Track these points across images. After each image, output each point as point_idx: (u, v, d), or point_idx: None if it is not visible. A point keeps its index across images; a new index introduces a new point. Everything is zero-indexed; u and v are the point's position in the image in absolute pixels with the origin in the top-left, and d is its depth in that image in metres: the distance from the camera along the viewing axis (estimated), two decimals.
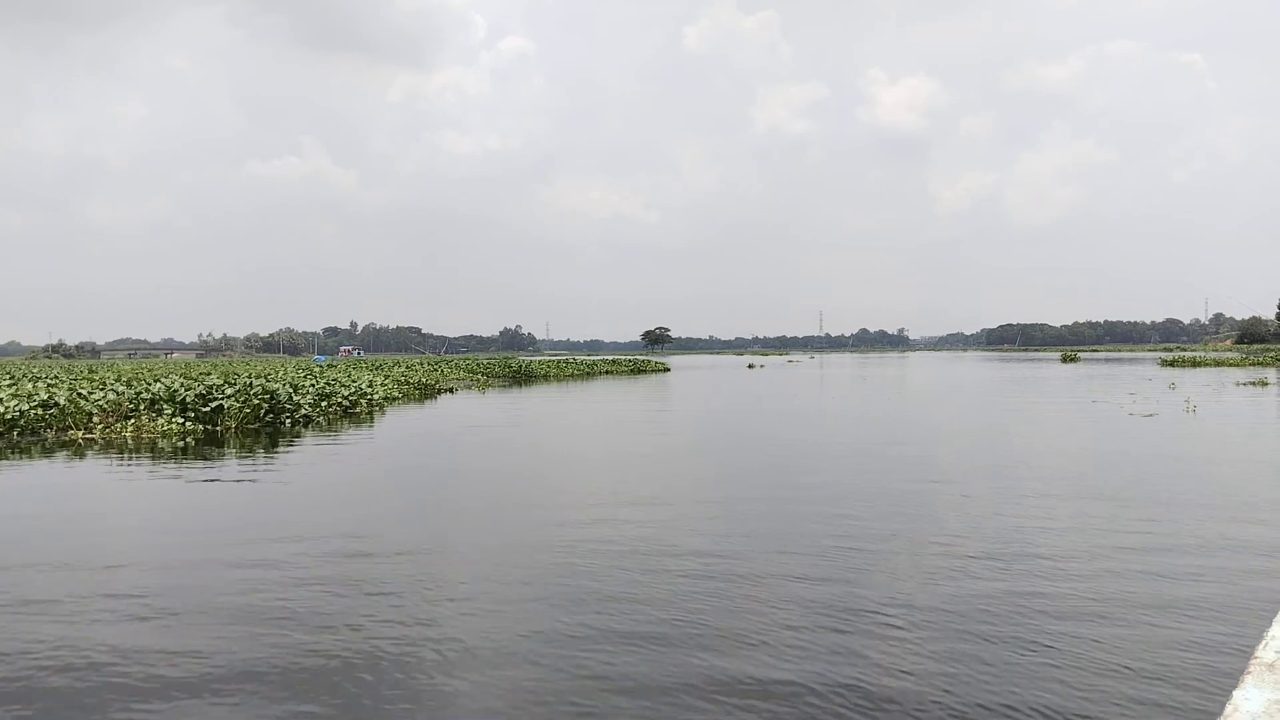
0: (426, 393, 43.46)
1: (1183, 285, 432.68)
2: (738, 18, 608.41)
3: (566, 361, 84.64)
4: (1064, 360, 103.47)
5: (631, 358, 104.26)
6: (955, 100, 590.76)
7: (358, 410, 29.61)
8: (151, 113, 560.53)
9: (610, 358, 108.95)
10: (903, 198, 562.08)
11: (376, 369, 56.70)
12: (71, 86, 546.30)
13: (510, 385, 56.04)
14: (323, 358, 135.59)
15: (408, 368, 60.17)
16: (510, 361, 68.24)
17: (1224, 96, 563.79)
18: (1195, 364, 79.63)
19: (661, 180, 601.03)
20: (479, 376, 62.22)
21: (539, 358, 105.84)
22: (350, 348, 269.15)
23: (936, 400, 35.24)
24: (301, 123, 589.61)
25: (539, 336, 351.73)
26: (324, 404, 28.01)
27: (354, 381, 34.50)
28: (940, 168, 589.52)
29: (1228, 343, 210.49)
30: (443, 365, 68.84)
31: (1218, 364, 78.59)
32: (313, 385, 30.47)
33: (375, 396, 32.11)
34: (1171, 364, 79.87)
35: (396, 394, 37.70)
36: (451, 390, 45.92)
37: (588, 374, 72.92)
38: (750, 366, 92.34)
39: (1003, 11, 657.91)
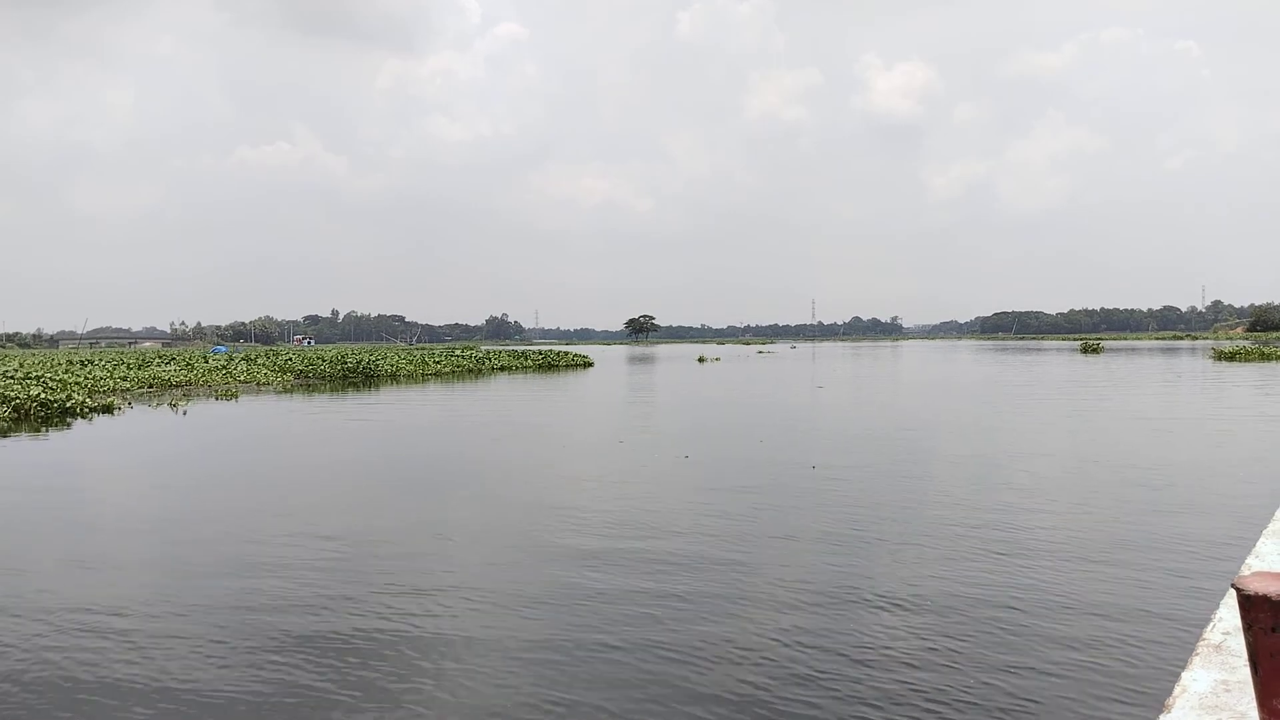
0: (45, 415, 24.66)
1: (1178, 273, 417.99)
2: (731, 4, 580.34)
3: (452, 354, 65.35)
4: (1084, 351, 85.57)
5: (543, 349, 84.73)
6: (950, 87, 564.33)
7: None
8: (140, 98, 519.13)
9: (520, 349, 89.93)
10: (896, 185, 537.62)
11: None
12: (60, 72, 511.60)
13: (343, 389, 38.74)
14: (222, 349, 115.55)
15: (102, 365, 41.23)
16: (347, 357, 49.35)
17: (1218, 84, 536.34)
18: (1265, 357, 62.05)
19: (654, 168, 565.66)
20: (284, 376, 43.65)
21: (420, 350, 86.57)
22: (301, 336, 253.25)
23: (970, 467, 17.01)
24: (292, 109, 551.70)
25: (527, 325, 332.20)
26: None
27: None
28: (934, 155, 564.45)
29: (1239, 330, 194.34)
30: (243, 361, 50.10)
31: None
32: None
33: None
34: (1231, 357, 62.47)
35: None
36: (110, 410, 26.99)
37: (474, 371, 54.39)
38: (701, 360, 74.02)
39: None
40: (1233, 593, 2.73)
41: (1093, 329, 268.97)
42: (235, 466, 16.37)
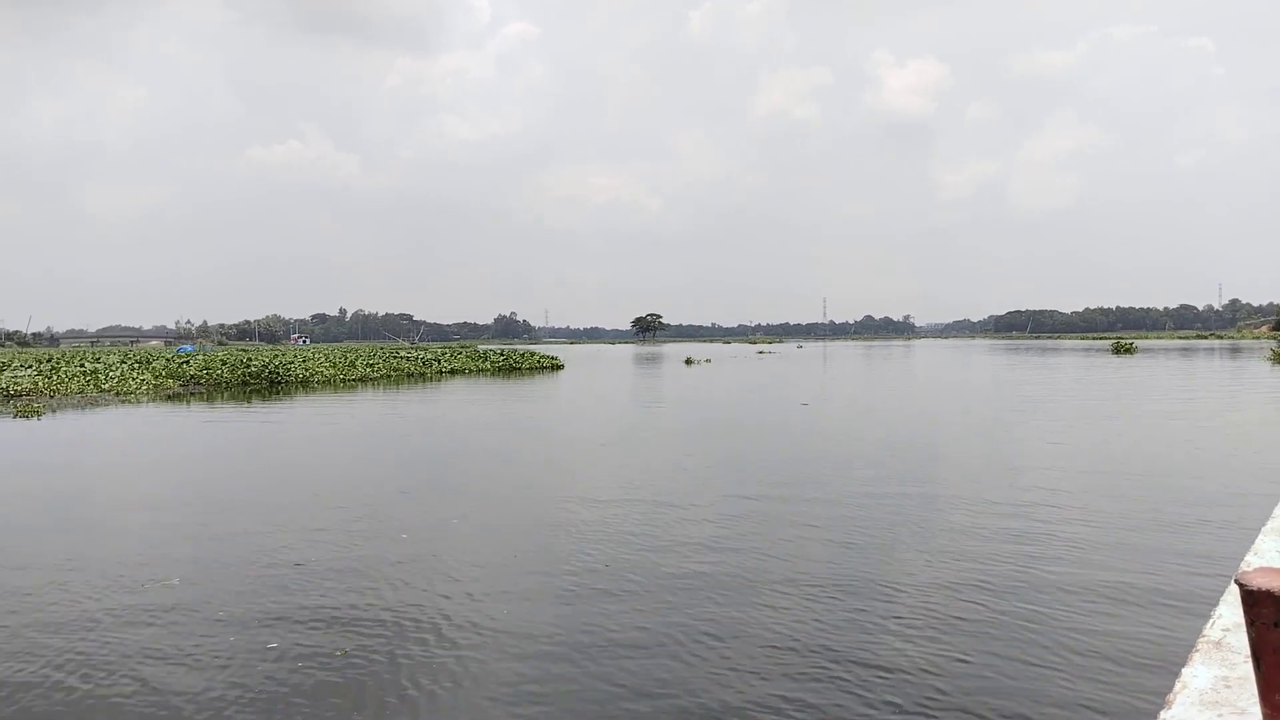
0: None
1: (1189, 272, 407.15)
2: (741, 2, 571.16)
3: (389, 353, 57.53)
4: (1117, 351, 77.37)
5: (505, 349, 76.28)
6: (961, 85, 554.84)
7: None
8: (149, 98, 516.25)
9: (484, 348, 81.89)
10: (907, 183, 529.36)
11: None
12: (69, 72, 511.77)
13: (243, 397, 32.69)
14: (189, 348, 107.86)
15: None
16: (252, 360, 41.66)
17: (1232, 82, 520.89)
18: None
19: (663, 166, 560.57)
20: (167, 382, 36.06)
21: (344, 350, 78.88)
22: (297, 336, 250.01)
23: None
24: (302, 108, 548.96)
25: (537, 324, 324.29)
26: None
27: None
28: (945, 153, 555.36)
29: (1264, 329, 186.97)
30: (130, 365, 42.65)
31: None
32: None
33: None
34: None
35: None
36: None
37: (419, 375, 46.76)
38: (688, 362, 66.16)
39: None
40: (1233, 589, 2.74)
41: (1108, 328, 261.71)
42: None
